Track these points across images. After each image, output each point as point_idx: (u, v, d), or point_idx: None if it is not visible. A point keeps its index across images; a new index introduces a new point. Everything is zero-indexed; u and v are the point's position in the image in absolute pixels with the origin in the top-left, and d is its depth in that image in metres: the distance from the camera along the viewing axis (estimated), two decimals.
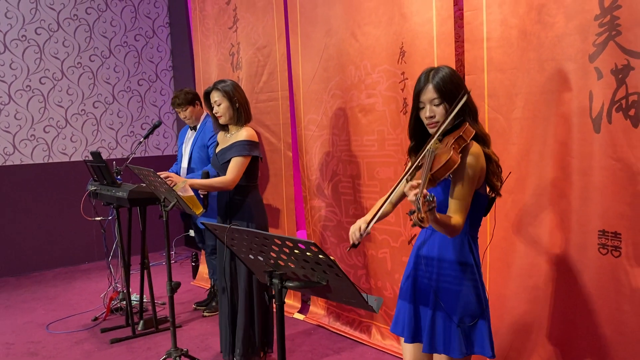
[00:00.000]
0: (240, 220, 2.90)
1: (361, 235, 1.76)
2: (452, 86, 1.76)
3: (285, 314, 4.00)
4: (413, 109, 1.85)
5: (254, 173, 2.94)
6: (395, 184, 1.81)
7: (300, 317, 3.89)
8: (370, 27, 3.17)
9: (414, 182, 1.54)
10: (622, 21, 2.02)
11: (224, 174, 2.88)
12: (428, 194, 1.49)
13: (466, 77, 2.61)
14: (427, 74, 1.79)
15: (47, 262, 5.52)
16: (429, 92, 1.77)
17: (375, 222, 1.81)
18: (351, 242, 1.80)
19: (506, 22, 2.42)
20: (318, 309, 3.85)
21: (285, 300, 4.12)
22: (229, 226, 1.69)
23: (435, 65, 2.80)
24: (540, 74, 2.32)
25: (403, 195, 1.89)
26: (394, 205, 2.02)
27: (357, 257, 3.50)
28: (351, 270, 3.57)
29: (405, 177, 1.75)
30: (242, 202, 2.91)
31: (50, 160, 5.57)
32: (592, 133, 2.16)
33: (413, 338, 1.91)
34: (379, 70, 3.15)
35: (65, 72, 5.62)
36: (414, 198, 1.49)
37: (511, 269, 2.53)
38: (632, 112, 2.02)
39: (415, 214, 1.47)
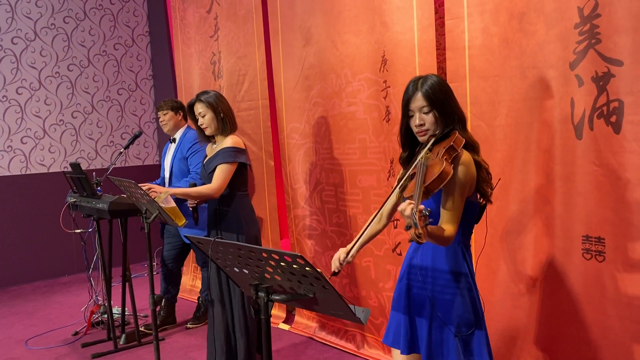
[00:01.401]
0: (229, 232, 2.85)
1: (341, 264, 1.84)
2: (440, 94, 1.77)
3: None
4: (403, 118, 1.85)
5: (242, 181, 2.89)
6: (387, 197, 1.82)
7: (286, 327, 3.85)
8: (350, 35, 3.17)
9: (409, 201, 1.53)
10: (601, 29, 2.04)
11: None
12: (423, 208, 1.48)
13: (449, 84, 2.62)
14: (416, 83, 1.80)
15: (25, 276, 5.39)
16: (418, 100, 1.77)
17: (357, 251, 1.87)
18: (332, 271, 1.87)
19: (487, 30, 2.44)
20: (303, 319, 3.82)
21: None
22: (213, 239, 1.66)
23: (417, 74, 2.84)
24: (522, 81, 2.34)
25: (395, 208, 1.89)
26: (389, 218, 2.03)
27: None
28: (336, 279, 3.55)
29: (398, 187, 1.75)
30: (230, 212, 2.86)
31: (28, 172, 5.46)
32: (574, 139, 2.18)
33: (410, 349, 1.89)
34: (359, 79, 3.15)
35: (42, 82, 5.52)
36: (409, 213, 1.47)
37: (496, 275, 2.54)
38: (613, 118, 2.04)
39: (412, 229, 1.46)
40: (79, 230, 3.84)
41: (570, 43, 2.15)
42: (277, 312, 4.01)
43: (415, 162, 1.70)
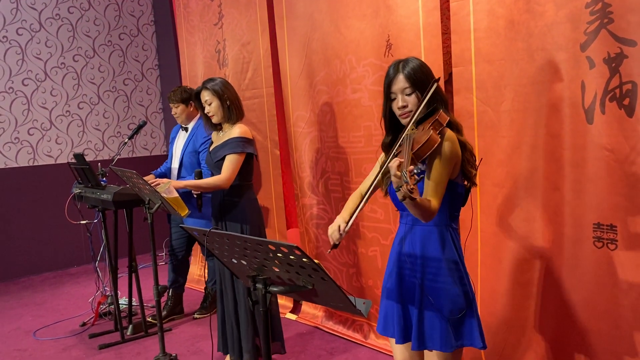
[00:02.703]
0: (234, 221, 2.83)
1: (341, 235, 1.78)
2: (422, 75, 1.78)
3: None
4: (385, 102, 1.85)
5: (249, 171, 2.87)
6: (374, 178, 1.80)
7: (293, 317, 3.83)
8: (354, 20, 3.10)
9: (398, 158, 1.53)
10: (614, 8, 1.96)
11: (218, 173, 2.80)
12: (413, 168, 1.48)
13: (454, 69, 2.55)
14: (397, 65, 1.81)
15: (34, 267, 5.43)
16: (400, 82, 1.78)
17: (353, 220, 1.80)
18: (332, 243, 1.81)
19: (493, 12, 2.36)
20: (311, 309, 3.79)
21: (277, 300, 4.07)
22: (208, 230, 1.62)
23: (423, 58, 2.77)
24: (529, 64, 2.26)
25: (375, 188, 1.88)
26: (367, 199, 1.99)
27: (348, 255, 3.44)
28: (343, 268, 3.51)
29: (382, 170, 1.75)
30: (236, 202, 2.83)
31: (36, 163, 5.47)
32: (584, 124, 2.10)
33: (404, 338, 1.88)
34: (364, 64, 3.08)
35: (48, 73, 5.51)
36: (399, 173, 1.47)
37: (503, 264, 2.48)
38: (626, 101, 1.96)
39: (404, 186, 1.45)
40: (84, 222, 3.83)
41: (581, 23, 2.06)
42: (285, 302, 3.99)
43: (401, 140, 1.70)
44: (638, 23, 1.89)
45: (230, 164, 2.76)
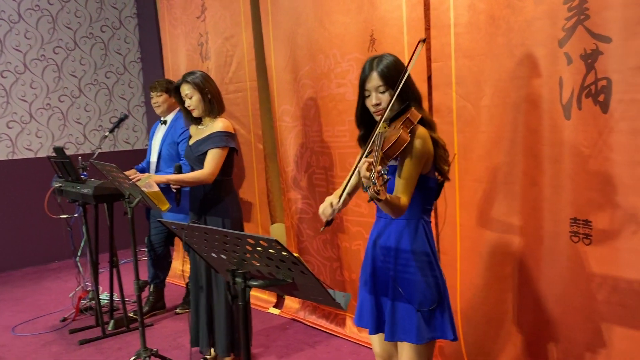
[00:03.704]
0: (214, 216, 2.82)
1: (333, 211, 1.76)
2: (396, 72, 1.78)
3: (259, 308, 3.96)
4: (359, 98, 1.86)
5: (230, 166, 2.86)
6: (350, 174, 1.82)
7: (276, 311, 3.83)
8: (338, 14, 3.09)
9: (367, 159, 1.55)
10: (590, 5, 1.98)
11: (199, 167, 2.78)
12: (381, 169, 1.51)
13: (433, 64, 2.56)
14: (371, 62, 1.82)
15: (15, 262, 5.34)
16: (374, 80, 1.80)
17: (344, 197, 1.79)
18: (324, 221, 1.79)
19: (474, 7, 2.37)
20: (293, 303, 3.80)
21: (260, 294, 4.07)
22: (187, 224, 1.61)
23: (406, 53, 2.78)
24: (509, 59, 2.28)
25: (357, 186, 1.91)
26: (351, 196, 2.01)
27: (332, 249, 3.45)
28: (327, 262, 3.52)
29: (357, 166, 1.76)
30: (218, 197, 2.82)
31: (15, 157, 5.38)
32: (562, 119, 2.13)
33: (377, 329, 1.91)
34: (348, 59, 3.08)
35: (28, 65, 5.42)
36: (367, 174, 1.51)
37: (483, 258, 2.50)
38: (601, 97, 1.99)
39: (371, 187, 1.49)
40: (65, 216, 3.79)
41: (559, 19, 2.09)
42: (268, 297, 3.99)
43: (373, 137, 1.72)
44: (613, 19, 1.92)
45: (214, 158, 2.74)
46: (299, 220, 3.68)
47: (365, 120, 1.89)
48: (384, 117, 1.74)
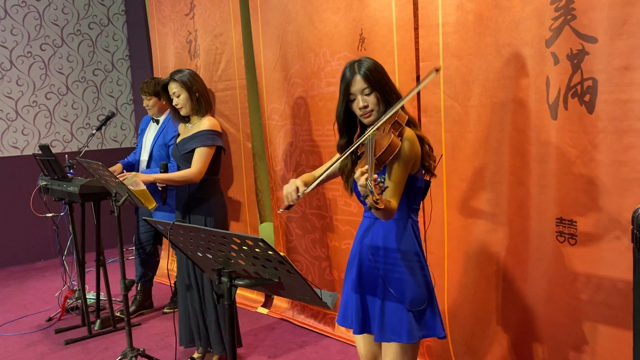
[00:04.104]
0: (198, 214, 2.80)
1: (298, 196, 1.76)
2: (378, 74, 1.81)
3: (247, 308, 3.95)
4: (341, 103, 1.86)
5: (217, 165, 2.85)
6: (327, 165, 1.86)
7: (264, 311, 3.82)
8: (328, 13, 3.09)
9: (363, 169, 1.55)
10: (576, 5, 1.99)
11: (185, 165, 2.77)
12: (377, 177, 1.52)
13: (421, 63, 2.56)
14: (352, 66, 1.83)
15: (0, 261, 5.28)
16: (358, 83, 1.81)
17: (313, 188, 1.80)
18: (286, 204, 1.79)
19: (462, 7, 2.37)
20: (282, 303, 3.79)
21: (248, 294, 4.05)
22: (172, 223, 1.60)
23: (395, 52, 2.77)
24: (497, 59, 2.29)
25: (331, 178, 1.93)
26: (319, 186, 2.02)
27: (321, 249, 3.44)
28: (315, 262, 3.52)
29: (343, 157, 1.81)
30: (204, 196, 2.81)
31: (1, 155, 5.32)
32: (549, 119, 2.14)
33: (362, 329, 1.90)
34: (338, 58, 3.08)
35: (14, 61, 5.35)
36: (364, 182, 1.51)
37: (470, 257, 2.51)
38: (587, 97, 2.00)
39: (370, 197, 1.50)
40: (51, 215, 3.75)
41: (546, 19, 2.10)
42: (256, 297, 3.98)
43: (363, 140, 1.73)
44: (599, 20, 1.93)
45: (201, 157, 2.73)
46: (288, 219, 3.67)
47: (347, 127, 1.90)
48: (377, 125, 1.74)
